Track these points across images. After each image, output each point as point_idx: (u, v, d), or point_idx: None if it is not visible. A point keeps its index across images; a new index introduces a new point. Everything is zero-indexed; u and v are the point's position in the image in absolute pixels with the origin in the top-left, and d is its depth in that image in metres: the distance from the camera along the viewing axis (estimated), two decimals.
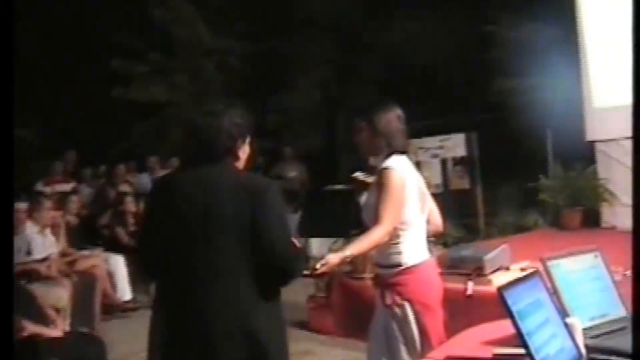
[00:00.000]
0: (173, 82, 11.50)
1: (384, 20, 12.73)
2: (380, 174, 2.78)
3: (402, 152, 2.87)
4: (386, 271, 2.81)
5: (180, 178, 2.46)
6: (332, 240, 6.05)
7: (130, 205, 7.57)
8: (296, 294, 5.47)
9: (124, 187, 8.70)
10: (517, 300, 1.67)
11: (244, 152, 2.43)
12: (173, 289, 2.28)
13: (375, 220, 2.70)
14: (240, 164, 2.43)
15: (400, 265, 2.76)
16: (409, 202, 2.76)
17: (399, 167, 2.77)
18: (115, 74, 10.86)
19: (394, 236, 2.73)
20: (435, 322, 2.76)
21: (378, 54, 13.12)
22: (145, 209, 2.64)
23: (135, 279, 7.15)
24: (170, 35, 11.43)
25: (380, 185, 2.75)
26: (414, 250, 2.79)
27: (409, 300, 2.72)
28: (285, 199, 2.56)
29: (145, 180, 9.13)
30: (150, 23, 11.17)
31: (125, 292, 6.87)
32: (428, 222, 2.95)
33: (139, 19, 11.07)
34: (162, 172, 9.20)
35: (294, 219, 6.66)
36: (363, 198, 3.13)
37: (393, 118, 2.88)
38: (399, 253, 2.76)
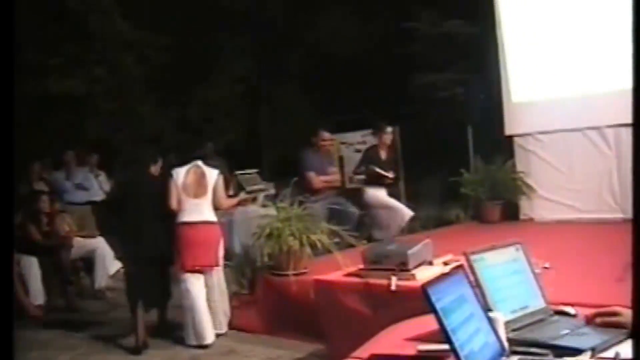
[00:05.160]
0: (91, 74, 11.08)
1: (307, 15, 12.71)
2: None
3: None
4: None
5: (130, 176, 6.04)
6: None
7: (44, 204, 7.17)
8: None
9: (40, 185, 8.28)
10: (442, 297, 1.63)
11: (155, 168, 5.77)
12: (129, 227, 5.39)
13: None
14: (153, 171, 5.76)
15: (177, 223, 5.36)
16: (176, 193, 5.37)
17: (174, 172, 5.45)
18: (28, 65, 10.33)
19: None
20: (191, 254, 5.27)
21: (301, 49, 13.09)
22: (111, 192, 5.98)
23: (50, 281, 6.79)
24: (86, 26, 10.98)
25: None
26: (183, 216, 5.31)
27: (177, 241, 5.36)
28: None
29: (60, 177, 8.67)
30: (64, 13, 10.69)
31: (38, 295, 6.50)
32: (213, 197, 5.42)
33: (51, 7, 10.58)
34: (79, 170, 8.83)
35: None
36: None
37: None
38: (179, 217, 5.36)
